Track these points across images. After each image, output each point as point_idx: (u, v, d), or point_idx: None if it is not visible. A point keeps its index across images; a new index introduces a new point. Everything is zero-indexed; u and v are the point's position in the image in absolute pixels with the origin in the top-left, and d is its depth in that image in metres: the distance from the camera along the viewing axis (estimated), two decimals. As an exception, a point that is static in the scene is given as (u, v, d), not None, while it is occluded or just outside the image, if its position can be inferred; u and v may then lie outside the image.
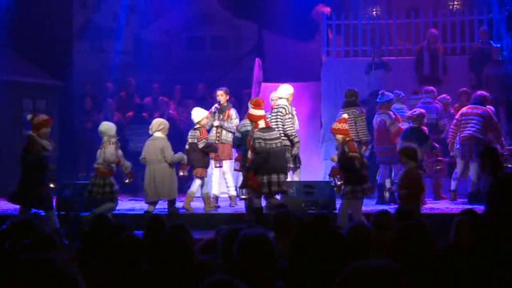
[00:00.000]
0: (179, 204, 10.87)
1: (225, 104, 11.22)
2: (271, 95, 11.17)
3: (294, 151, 10.43)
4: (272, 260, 3.39)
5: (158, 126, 10.32)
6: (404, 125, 11.46)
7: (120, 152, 10.06)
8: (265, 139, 9.32)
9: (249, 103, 10.02)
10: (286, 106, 10.51)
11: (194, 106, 15.33)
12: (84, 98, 15.64)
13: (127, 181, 10.34)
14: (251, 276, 3.29)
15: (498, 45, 13.95)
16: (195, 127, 10.75)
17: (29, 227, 4.79)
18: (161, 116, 14.28)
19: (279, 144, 9.46)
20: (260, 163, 9.30)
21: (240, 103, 13.92)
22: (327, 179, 9.88)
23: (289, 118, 10.44)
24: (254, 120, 9.66)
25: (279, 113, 10.42)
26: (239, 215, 10.01)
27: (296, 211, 9.33)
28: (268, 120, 9.98)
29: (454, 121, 11.41)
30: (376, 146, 11.59)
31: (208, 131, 11.08)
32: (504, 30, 14.41)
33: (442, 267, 3.56)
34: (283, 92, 10.68)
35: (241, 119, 10.97)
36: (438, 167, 11.25)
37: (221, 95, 11.24)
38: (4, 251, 4.43)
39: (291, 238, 4.61)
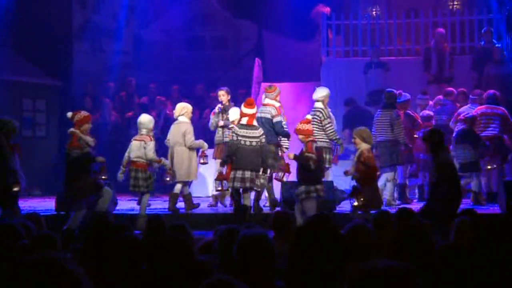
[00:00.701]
0: (179, 205, 10.87)
1: (227, 103, 11.21)
2: (263, 95, 11.29)
3: (339, 152, 10.67)
4: (272, 260, 3.38)
5: (181, 110, 10.57)
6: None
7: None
8: (237, 134, 9.55)
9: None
10: (322, 109, 10.49)
11: (192, 106, 15.40)
12: (84, 98, 15.65)
13: (168, 179, 10.46)
14: (251, 276, 3.29)
15: (499, 45, 13.96)
16: (230, 126, 10.68)
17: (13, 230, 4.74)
18: (157, 116, 14.31)
19: (254, 143, 9.53)
20: (229, 156, 9.61)
21: (235, 102, 13.92)
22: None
23: (328, 122, 10.47)
24: (240, 116, 9.89)
25: (315, 117, 10.40)
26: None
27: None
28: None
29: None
30: None
31: (214, 131, 11.15)
32: (504, 30, 14.41)
33: (442, 267, 3.56)
34: (318, 95, 10.64)
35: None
36: (489, 167, 11.26)
37: (223, 95, 11.23)
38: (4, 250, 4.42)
39: (290, 238, 4.61)
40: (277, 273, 3.42)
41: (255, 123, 9.74)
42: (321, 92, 10.63)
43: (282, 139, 10.60)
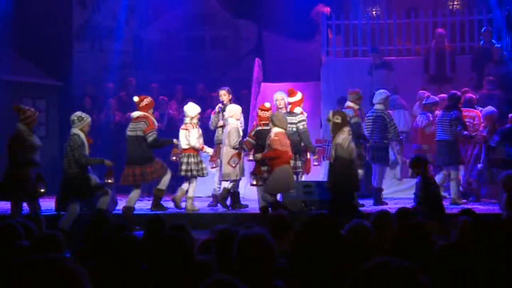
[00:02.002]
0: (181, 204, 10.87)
1: (228, 103, 11.22)
2: (275, 95, 11.24)
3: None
4: (272, 260, 3.39)
5: (229, 113, 10.86)
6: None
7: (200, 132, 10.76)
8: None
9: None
10: (383, 111, 11.33)
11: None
12: (84, 98, 15.64)
13: (213, 166, 11.05)
14: (251, 276, 3.29)
15: (499, 45, 13.96)
16: None
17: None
18: (160, 116, 14.31)
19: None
20: None
21: (235, 102, 13.93)
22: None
23: (394, 124, 11.42)
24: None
25: (377, 119, 11.25)
26: (239, 215, 10.01)
27: (296, 211, 9.44)
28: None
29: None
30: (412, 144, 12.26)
31: (214, 131, 11.21)
32: (504, 30, 14.41)
33: (442, 267, 3.56)
34: (378, 98, 11.42)
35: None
36: None
37: (224, 95, 11.26)
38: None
39: (289, 238, 4.61)
40: (277, 273, 3.42)
41: (297, 110, 10.66)
42: (381, 95, 11.43)
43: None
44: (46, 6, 16.04)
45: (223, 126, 11.02)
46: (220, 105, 11.25)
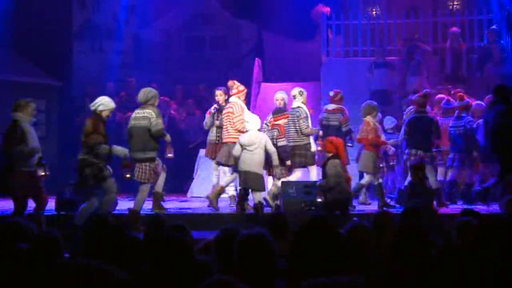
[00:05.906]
0: (182, 205, 10.87)
1: (224, 104, 11.20)
2: (276, 95, 11.18)
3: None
4: (272, 260, 3.39)
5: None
6: None
7: None
8: None
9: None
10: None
11: (193, 106, 15.40)
12: (84, 98, 15.64)
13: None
14: (251, 276, 3.29)
15: (499, 45, 13.96)
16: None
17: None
18: (162, 116, 14.29)
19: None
20: None
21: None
22: None
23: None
24: None
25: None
26: (239, 215, 10.00)
27: (295, 211, 9.44)
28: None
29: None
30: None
31: (208, 131, 11.15)
32: (504, 30, 14.42)
33: (442, 267, 3.56)
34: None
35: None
36: None
37: (220, 95, 11.22)
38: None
39: (288, 238, 4.60)
40: (277, 273, 3.42)
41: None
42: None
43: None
44: (46, 6, 16.05)
45: (219, 127, 10.98)
46: (215, 105, 11.21)
